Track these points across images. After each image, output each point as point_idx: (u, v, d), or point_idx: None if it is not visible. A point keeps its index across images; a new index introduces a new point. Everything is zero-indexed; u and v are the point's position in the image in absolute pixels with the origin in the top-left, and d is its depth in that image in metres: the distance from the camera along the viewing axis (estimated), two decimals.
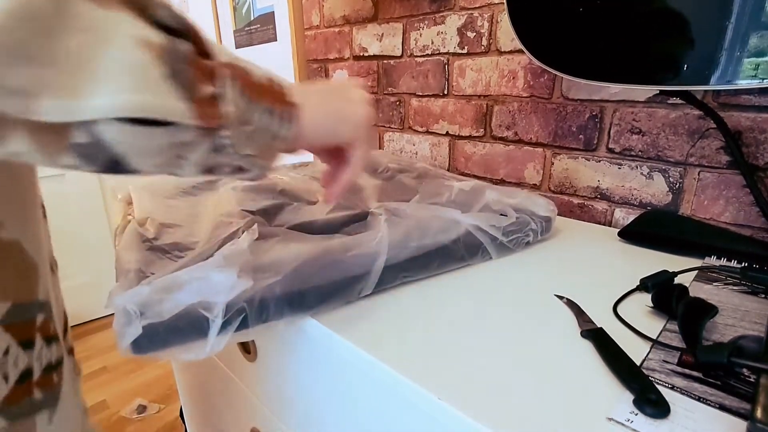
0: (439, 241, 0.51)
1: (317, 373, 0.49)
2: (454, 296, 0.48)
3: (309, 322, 0.44)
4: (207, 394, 0.82)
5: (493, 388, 0.34)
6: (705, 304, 0.41)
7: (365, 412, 0.44)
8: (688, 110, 0.63)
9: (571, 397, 0.33)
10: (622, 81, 0.58)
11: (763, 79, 0.47)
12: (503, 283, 0.51)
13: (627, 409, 0.31)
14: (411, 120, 1.02)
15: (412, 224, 0.51)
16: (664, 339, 0.39)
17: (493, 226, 0.56)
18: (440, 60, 0.92)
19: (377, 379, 0.41)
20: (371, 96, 0.42)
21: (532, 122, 0.80)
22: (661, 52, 0.54)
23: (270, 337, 0.55)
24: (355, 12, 1.06)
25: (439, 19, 0.90)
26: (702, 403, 0.31)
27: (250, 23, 1.38)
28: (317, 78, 1.23)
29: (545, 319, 0.43)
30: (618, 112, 0.70)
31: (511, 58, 0.81)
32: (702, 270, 0.52)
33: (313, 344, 0.48)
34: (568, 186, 0.78)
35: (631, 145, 0.69)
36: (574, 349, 0.38)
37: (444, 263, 0.53)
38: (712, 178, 0.63)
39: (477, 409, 0.32)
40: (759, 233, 0.60)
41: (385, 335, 0.41)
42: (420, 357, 0.38)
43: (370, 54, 1.06)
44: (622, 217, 0.73)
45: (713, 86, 0.52)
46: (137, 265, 0.43)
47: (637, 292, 0.48)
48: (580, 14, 0.58)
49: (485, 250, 0.56)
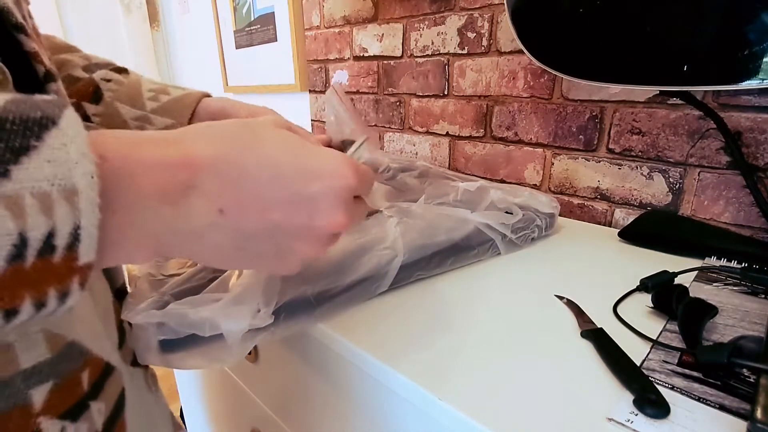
0: (451, 239, 0.53)
1: (318, 373, 0.49)
2: (454, 296, 0.48)
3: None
4: (207, 394, 0.82)
5: (493, 388, 0.34)
6: (705, 305, 0.41)
7: (365, 412, 0.44)
8: (688, 110, 0.63)
9: (571, 397, 0.33)
10: (622, 81, 0.58)
11: (763, 79, 0.47)
12: (503, 283, 0.51)
13: (627, 409, 0.31)
14: (411, 120, 1.02)
15: (423, 224, 0.52)
16: (664, 339, 0.39)
17: (503, 223, 0.57)
18: (440, 60, 0.92)
19: (377, 379, 0.41)
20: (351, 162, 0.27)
21: (532, 122, 0.80)
22: (661, 52, 0.54)
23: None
24: (355, 12, 1.06)
25: (439, 19, 0.90)
26: (702, 404, 0.31)
27: (251, 23, 1.38)
28: (314, 78, 1.22)
29: (545, 319, 0.43)
30: (618, 112, 0.70)
31: (511, 59, 0.81)
32: (702, 270, 0.52)
33: (313, 344, 0.48)
34: (568, 186, 0.78)
35: (631, 146, 0.69)
36: (574, 349, 0.38)
37: (457, 260, 0.54)
38: (712, 179, 0.63)
39: (477, 409, 0.32)
40: (759, 233, 0.60)
41: (385, 335, 0.41)
42: (420, 357, 0.38)
43: (370, 54, 1.06)
44: (622, 218, 0.73)
45: (713, 86, 0.52)
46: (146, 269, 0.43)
47: (637, 292, 0.48)
48: (580, 15, 0.58)
49: (494, 247, 0.58)
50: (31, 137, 0.17)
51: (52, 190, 0.17)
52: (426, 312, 0.45)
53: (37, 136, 0.17)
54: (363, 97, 1.11)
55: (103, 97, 0.45)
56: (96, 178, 0.18)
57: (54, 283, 0.18)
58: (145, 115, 0.45)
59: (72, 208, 0.17)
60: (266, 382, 0.60)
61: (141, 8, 1.80)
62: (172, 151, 0.22)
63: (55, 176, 0.17)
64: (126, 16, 1.77)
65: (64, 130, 0.18)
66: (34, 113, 0.17)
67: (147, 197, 0.21)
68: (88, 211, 0.18)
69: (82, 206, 0.18)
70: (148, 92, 0.47)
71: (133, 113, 0.45)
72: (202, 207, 0.23)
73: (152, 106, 0.46)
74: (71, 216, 0.18)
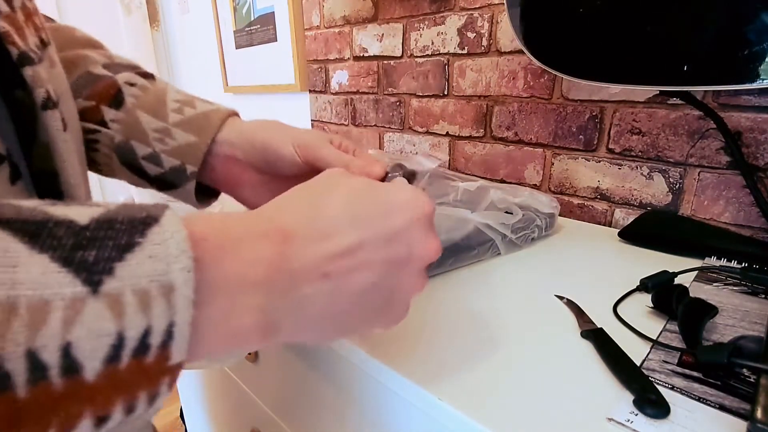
0: (451, 239, 0.53)
1: (318, 373, 0.49)
2: (454, 296, 0.48)
3: None
4: (207, 394, 0.82)
5: (493, 388, 0.34)
6: (705, 305, 0.41)
7: (365, 412, 0.44)
8: (688, 111, 0.63)
9: (570, 397, 0.33)
10: (622, 81, 0.58)
11: (763, 79, 0.47)
12: (503, 283, 0.51)
13: (627, 409, 0.31)
14: (411, 120, 1.02)
15: None
16: (664, 339, 0.39)
17: (503, 224, 0.57)
18: (440, 60, 0.92)
19: (377, 379, 0.41)
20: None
21: (532, 123, 0.80)
22: (661, 52, 0.54)
23: None
24: (355, 12, 1.06)
25: (439, 19, 0.90)
26: (702, 404, 0.31)
27: (251, 23, 1.38)
28: (314, 78, 1.22)
29: (545, 319, 0.43)
30: (618, 112, 0.70)
31: (511, 59, 0.81)
32: (702, 270, 0.52)
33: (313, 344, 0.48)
34: (568, 186, 0.78)
35: (631, 146, 0.69)
36: (574, 350, 0.38)
37: (457, 260, 0.54)
38: (712, 179, 0.63)
39: (477, 409, 0.32)
40: (759, 233, 0.60)
41: (386, 335, 0.41)
42: (420, 357, 0.38)
43: (370, 54, 1.06)
44: (622, 218, 0.73)
45: (713, 86, 0.52)
46: None
47: (637, 292, 0.48)
48: (580, 14, 0.58)
49: (494, 247, 0.58)
50: (135, 234, 0.17)
51: (151, 287, 0.17)
52: (426, 312, 0.45)
53: (141, 232, 0.18)
54: (363, 97, 1.11)
55: (125, 102, 0.41)
56: (192, 273, 0.18)
57: (145, 385, 0.18)
58: (166, 128, 0.41)
59: (168, 306, 0.17)
60: (266, 382, 0.60)
61: (141, 8, 1.80)
62: (263, 223, 0.23)
63: (155, 271, 0.17)
64: (126, 16, 1.77)
65: (164, 227, 0.18)
66: (139, 214, 0.18)
67: (246, 274, 0.21)
68: (183, 308, 0.18)
69: (178, 303, 0.18)
70: (173, 103, 0.42)
71: (155, 124, 0.40)
72: (304, 274, 0.22)
73: (175, 119, 0.41)
74: (167, 313, 0.17)
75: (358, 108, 1.14)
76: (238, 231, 0.22)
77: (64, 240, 0.16)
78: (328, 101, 1.22)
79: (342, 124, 1.20)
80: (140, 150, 0.41)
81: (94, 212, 0.17)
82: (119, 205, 0.18)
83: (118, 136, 0.41)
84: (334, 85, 1.18)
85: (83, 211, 0.17)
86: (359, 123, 1.15)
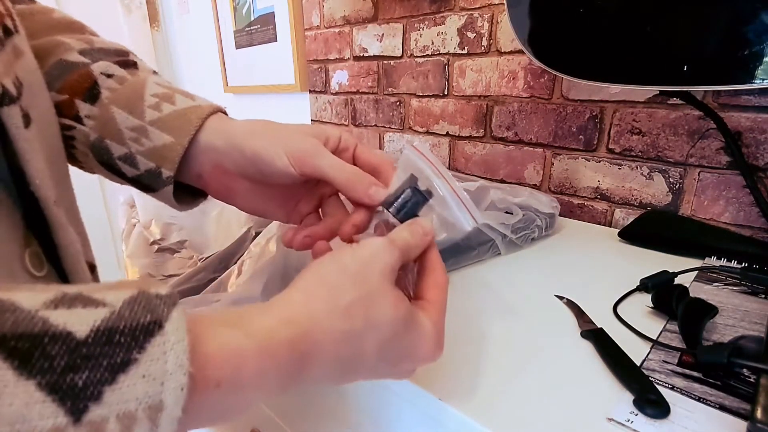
0: (452, 239, 0.52)
1: None
2: (454, 296, 0.48)
3: None
4: None
5: (493, 388, 0.34)
6: (705, 305, 0.41)
7: (366, 412, 0.44)
8: (688, 111, 0.63)
9: (571, 397, 0.33)
10: (622, 81, 0.58)
11: (763, 79, 0.47)
12: (503, 283, 0.51)
13: (627, 409, 0.31)
14: (411, 120, 1.02)
15: None
16: (664, 339, 0.39)
17: (503, 224, 0.57)
18: (440, 60, 0.92)
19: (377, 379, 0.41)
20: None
21: (532, 123, 0.80)
22: (661, 52, 0.54)
23: None
24: (355, 12, 1.06)
25: (439, 19, 0.90)
26: (702, 404, 0.31)
27: (251, 23, 1.38)
28: (314, 78, 1.22)
29: (545, 319, 0.43)
30: (618, 112, 0.70)
31: (511, 59, 0.81)
32: (702, 270, 0.52)
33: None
34: (568, 186, 0.78)
35: (631, 146, 0.69)
36: (574, 350, 0.38)
37: (458, 260, 0.54)
38: (712, 179, 0.63)
39: (477, 409, 0.32)
40: (759, 233, 0.60)
41: None
42: None
43: (370, 54, 1.06)
44: (622, 218, 0.73)
45: (713, 86, 0.52)
46: (145, 270, 0.43)
47: (637, 292, 0.48)
48: (580, 15, 0.58)
49: (494, 247, 0.58)
50: (134, 349, 0.17)
51: (138, 409, 0.16)
52: None
53: (141, 347, 0.17)
54: (363, 97, 1.11)
55: (100, 96, 0.36)
56: (185, 391, 0.18)
57: None
58: (142, 126, 0.36)
59: (152, 426, 0.17)
60: None
61: (141, 8, 1.80)
62: (291, 330, 0.23)
63: (146, 394, 0.17)
64: (126, 16, 1.77)
65: (167, 335, 0.18)
66: (144, 317, 0.17)
67: (257, 387, 0.22)
68: (167, 425, 0.17)
69: (163, 423, 0.17)
70: (151, 98, 0.37)
71: (131, 122, 0.36)
72: (315, 380, 0.25)
73: (152, 116, 0.36)
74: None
75: (358, 108, 1.14)
76: (252, 365, 0.21)
77: (56, 361, 0.15)
78: (328, 101, 1.22)
79: (342, 124, 1.20)
80: (115, 150, 0.37)
81: (98, 318, 0.17)
82: (126, 302, 0.17)
83: (93, 133, 0.37)
84: (334, 85, 1.18)
85: (86, 317, 0.17)
86: (359, 123, 1.15)
